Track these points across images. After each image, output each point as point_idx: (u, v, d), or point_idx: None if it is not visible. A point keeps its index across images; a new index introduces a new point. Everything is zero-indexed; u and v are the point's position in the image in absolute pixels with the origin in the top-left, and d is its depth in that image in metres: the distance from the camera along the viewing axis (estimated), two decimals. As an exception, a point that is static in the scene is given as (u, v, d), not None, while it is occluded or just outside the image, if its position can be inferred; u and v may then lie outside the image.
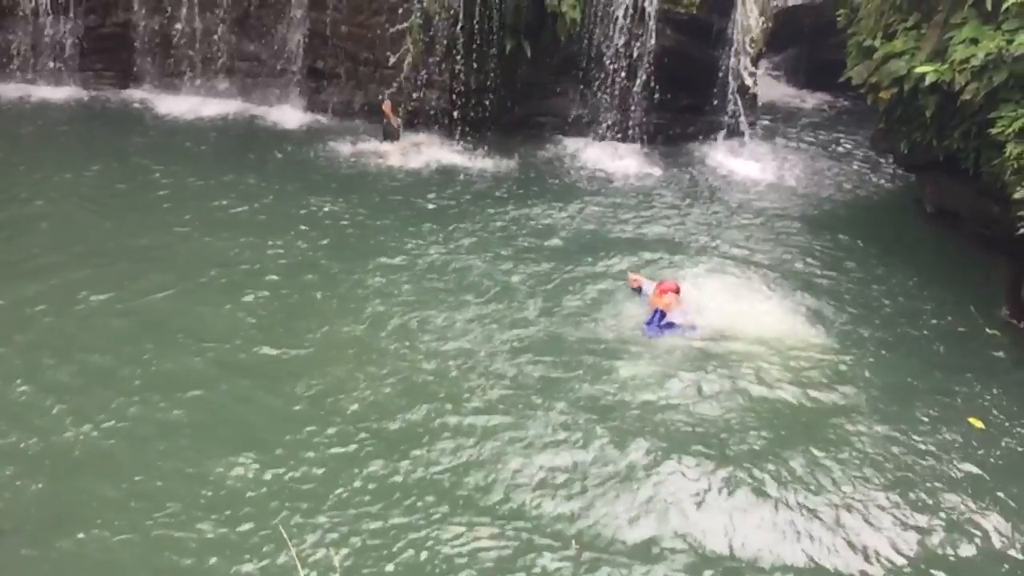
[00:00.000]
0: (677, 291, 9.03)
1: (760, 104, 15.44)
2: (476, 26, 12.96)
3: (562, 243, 10.73)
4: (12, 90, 14.44)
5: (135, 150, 12.62)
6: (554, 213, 11.59)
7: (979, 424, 7.80)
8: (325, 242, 10.27)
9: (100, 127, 13.51)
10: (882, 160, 14.30)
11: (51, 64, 14.57)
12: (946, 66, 9.95)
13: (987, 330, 9.47)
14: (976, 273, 10.81)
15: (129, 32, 14.58)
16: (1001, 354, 9.12)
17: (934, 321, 9.62)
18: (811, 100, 18.07)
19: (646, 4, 13.19)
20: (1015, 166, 9.24)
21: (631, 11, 13.22)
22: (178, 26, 14.28)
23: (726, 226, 11.66)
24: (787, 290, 9.88)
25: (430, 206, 11.54)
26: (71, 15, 14.35)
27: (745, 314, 9.21)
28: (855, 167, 14.39)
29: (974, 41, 9.75)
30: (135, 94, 14.74)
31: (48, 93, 14.48)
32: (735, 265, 10.41)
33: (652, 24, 13.33)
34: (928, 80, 10.07)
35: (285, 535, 5.81)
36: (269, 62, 14.51)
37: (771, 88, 17.75)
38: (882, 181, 13.88)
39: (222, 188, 11.50)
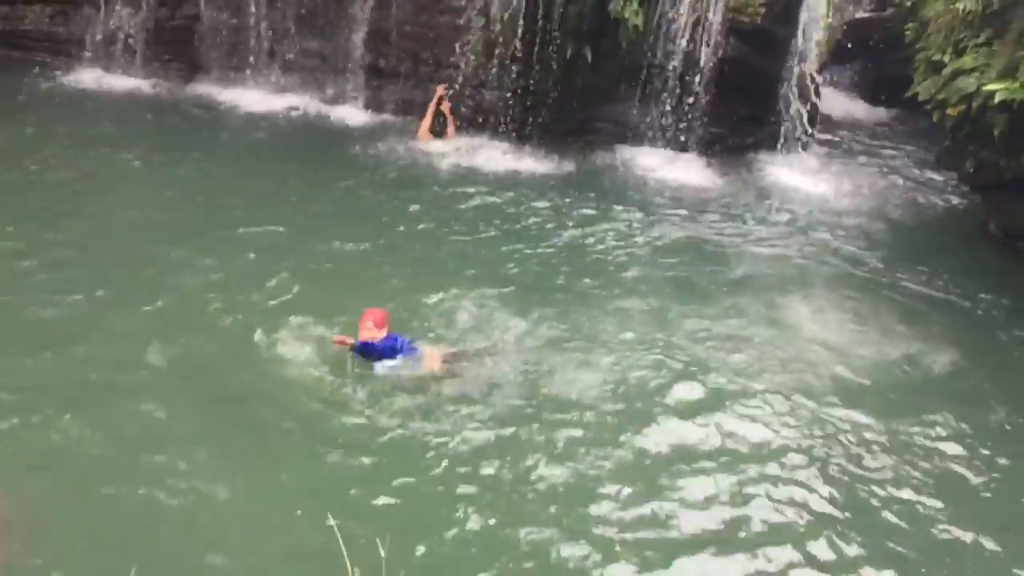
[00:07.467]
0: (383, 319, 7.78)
1: (822, 117, 15.20)
2: (537, 30, 12.97)
3: (617, 252, 10.64)
4: (86, 77, 14.81)
5: (196, 140, 12.86)
6: (609, 222, 11.49)
7: None
8: (372, 239, 10.30)
9: (165, 118, 13.75)
10: (947, 179, 13.97)
11: (122, 54, 14.93)
12: (1017, 84, 9.73)
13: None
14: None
15: (197, 25, 14.88)
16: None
17: (1000, 356, 9.13)
18: (875, 115, 17.74)
19: (710, 13, 13.10)
20: (1086, 190, 9.00)
21: (694, 20, 13.14)
22: (244, 20, 14.53)
23: (780, 242, 11.44)
24: (842, 317, 9.55)
25: (483, 208, 11.54)
26: (143, 6, 14.71)
27: (792, 338, 8.96)
28: (918, 185, 14.08)
29: (1048, 60, 9.54)
30: (200, 87, 15.00)
31: (118, 82, 14.80)
32: (789, 285, 10.17)
33: (715, 33, 13.23)
34: (998, 98, 9.85)
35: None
36: (332, 59, 14.69)
37: (834, 101, 17.46)
38: (946, 201, 13.56)
39: (276, 182, 11.68)
